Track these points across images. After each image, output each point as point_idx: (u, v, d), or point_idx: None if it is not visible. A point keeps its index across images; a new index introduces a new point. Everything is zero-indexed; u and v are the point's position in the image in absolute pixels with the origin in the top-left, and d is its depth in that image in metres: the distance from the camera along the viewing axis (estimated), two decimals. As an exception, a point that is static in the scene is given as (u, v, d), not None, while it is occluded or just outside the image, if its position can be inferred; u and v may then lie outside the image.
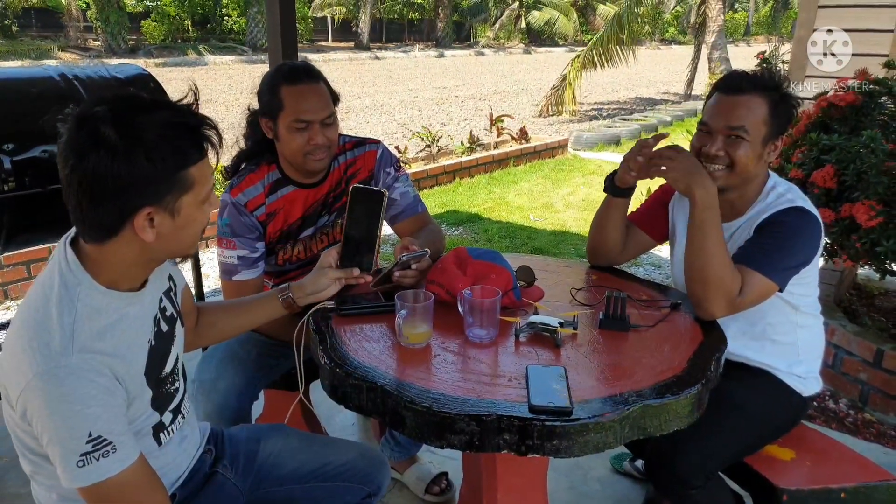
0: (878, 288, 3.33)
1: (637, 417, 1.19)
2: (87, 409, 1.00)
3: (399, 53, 27.02)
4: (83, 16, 22.56)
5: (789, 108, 1.58)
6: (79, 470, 1.00)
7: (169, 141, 1.02)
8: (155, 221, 1.05)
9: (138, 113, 1.02)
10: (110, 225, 1.03)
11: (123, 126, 0.99)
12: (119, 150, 0.98)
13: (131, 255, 1.08)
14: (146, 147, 1.00)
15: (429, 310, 1.39)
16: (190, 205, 1.08)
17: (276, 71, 1.75)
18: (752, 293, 1.47)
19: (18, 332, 1.04)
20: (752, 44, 35.11)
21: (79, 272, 1.07)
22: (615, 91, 15.96)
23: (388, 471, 1.54)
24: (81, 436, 0.99)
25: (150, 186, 1.02)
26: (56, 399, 0.98)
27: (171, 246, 1.11)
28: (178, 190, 1.05)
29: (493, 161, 7.25)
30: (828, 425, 2.58)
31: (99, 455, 1.01)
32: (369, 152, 1.93)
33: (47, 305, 1.04)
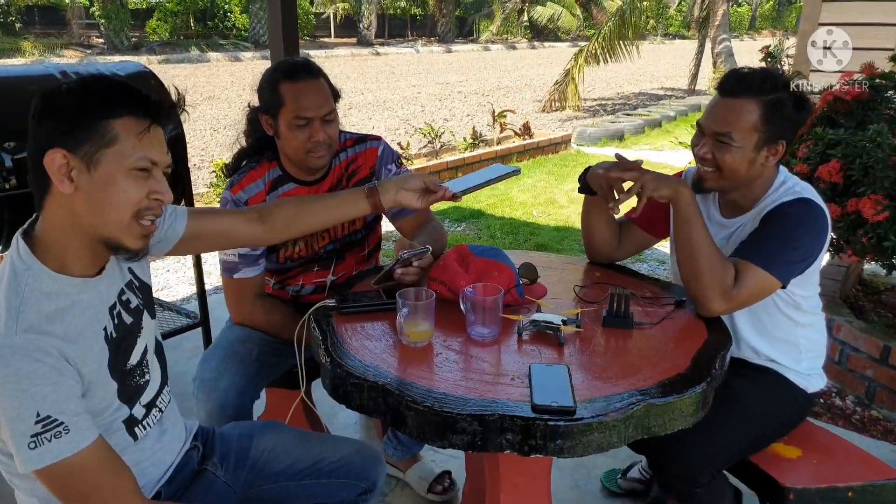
0: (884, 283, 3.31)
1: (641, 417, 1.17)
2: (34, 387, 0.99)
3: (402, 49, 26.96)
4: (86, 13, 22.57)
5: (792, 111, 1.51)
6: (30, 452, 0.99)
7: (101, 92, 1.05)
8: (73, 171, 1.03)
9: (96, 77, 1.08)
10: (35, 171, 1.04)
11: (75, 84, 1.05)
12: (56, 97, 1.03)
13: (64, 222, 1.06)
14: (80, 94, 1.04)
15: (430, 308, 1.38)
16: (110, 163, 1.04)
17: (276, 68, 1.74)
18: (748, 286, 1.45)
19: None
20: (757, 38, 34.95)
21: (28, 258, 1.07)
22: (619, 86, 15.90)
23: (383, 467, 1.53)
24: (30, 416, 0.98)
25: (68, 129, 1.03)
26: (1, 378, 0.98)
27: (96, 210, 1.06)
28: (97, 141, 1.03)
29: (496, 157, 7.22)
30: (834, 422, 2.56)
31: (50, 436, 0.99)
32: (371, 149, 1.92)
33: None
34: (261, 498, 1.42)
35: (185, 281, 3.96)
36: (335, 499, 1.45)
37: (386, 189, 1.46)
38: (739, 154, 1.51)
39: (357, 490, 1.47)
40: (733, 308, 1.48)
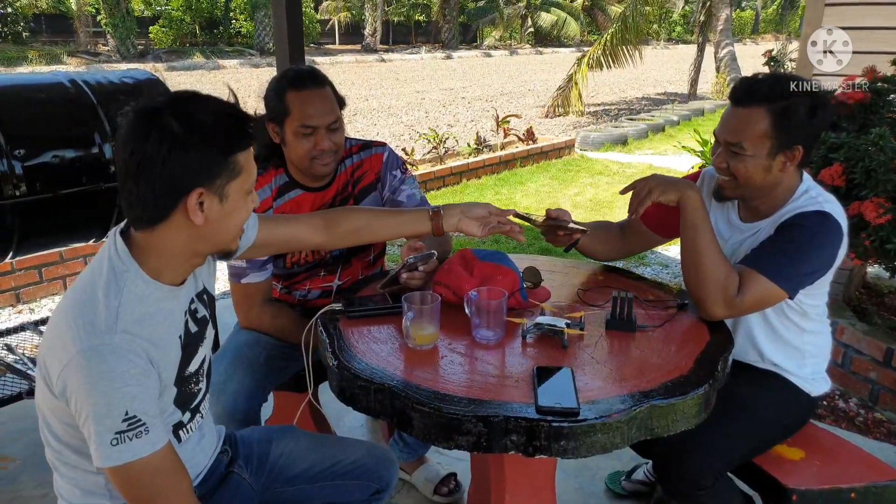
0: (888, 286, 3.31)
1: (644, 418, 1.19)
2: (125, 387, 1.03)
3: (406, 55, 27.06)
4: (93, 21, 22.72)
5: (804, 117, 1.48)
6: (112, 448, 1.03)
7: (222, 126, 1.09)
8: (205, 205, 1.09)
9: (192, 102, 1.09)
10: (164, 206, 1.08)
11: (180, 113, 1.06)
12: (178, 134, 1.04)
13: (179, 243, 1.12)
14: (202, 130, 1.06)
15: (436, 311, 1.40)
16: (237, 192, 1.13)
17: (282, 76, 1.77)
18: (752, 295, 1.45)
19: (64, 312, 1.07)
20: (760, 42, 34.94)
21: (127, 260, 1.11)
22: (622, 91, 15.91)
23: (396, 468, 1.56)
24: (118, 413, 1.02)
25: (204, 168, 1.07)
26: (97, 375, 1.02)
27: (217, 234, 1.14)
28: (227, 174, 1.10)
29: (500, 162, 7.24)
30: (838, 425, 2.56)
31: (132, 435, 1.03)
32: (376, 155, 1.94)
33: (94, 288, 1.08)
34: (278, 499, 1.46)
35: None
36: (349, 499, 1.49)
37: (450, 214, 1.52)
38: (752, 162, 1.51)
39: (370, 490, 1.50)
40: (734, 314, 1.48)
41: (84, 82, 2.42)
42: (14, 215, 2.14)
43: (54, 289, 3.79)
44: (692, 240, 1.50)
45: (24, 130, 2.20)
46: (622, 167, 7.58)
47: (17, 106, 2.27)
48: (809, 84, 1.53)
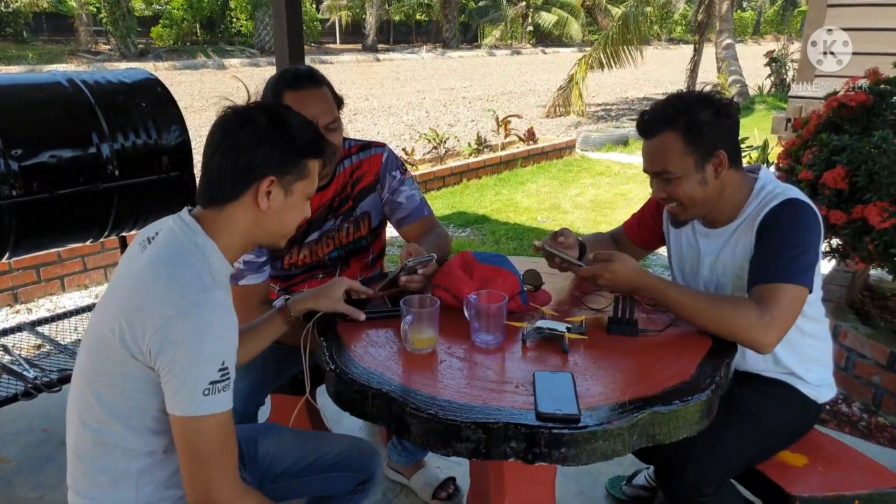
0: (890, 289, 3.29)
1: (646, 425, 1.17)
2: (227, 338, 1.12)
3: (406, 55, 27.04)
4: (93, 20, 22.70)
5: (712, 120, 1.49)
6: (203, 398, 1.08)
7: (306, 132, 1.24)
8: (272, 194, 1.21)
9: (283, 111, 1.26)
10: (239, 186, 1.20)
11: (273, 116, 1.22)
12: (268, 130, 1.20)
13: (243, 224, 1.22)
14: (289, 130, 1.22)
15: (434, 315, 1.38)
16: (301, 192, 1.25)
17: (280, 77, 1.75)
18: (779, 307, 1.40)
19: (155, 273, 1.14)
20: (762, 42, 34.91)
21: (202, 236, 1.20)
22: (623, 91, 15.90)
23: (380, 459, 1.60)
24: (217, 362, 1.09)
25: (281, 162, 1.21)
26: (208, 324, 1.09)
27: (274, 224, 1.25)
28: (297, 173, 1.23)
29: (501, 162, 7.23)
30: (841, 429, 2.55)
31: (222, 387, 1.10)
32: (375, 156, 1.93)
33: (182, 254, 1.16)
34: (268, 496, 1.44)
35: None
36: (336, 491, 1.54)
37: (298, 300, 1.51)
38: (686, 181, 1.52)
39: (355, 481, 1.54)
40: (780, 331, 1.41)
41: (82, 82, 2.41)
42: (11, 215, 2.12)
43: (52, 289, 3.77)
44: (682, 314, 1.48)
45: (22, 130, 2.18)
46: (623, 167, 7.56)
47: (15, 106, 2.25)
48: (698, 93, 1.56)
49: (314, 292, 1.51)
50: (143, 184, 2.42)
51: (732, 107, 1.55)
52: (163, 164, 2.48)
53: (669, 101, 1.55)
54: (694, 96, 1.54)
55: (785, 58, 13.87)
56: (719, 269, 1.65)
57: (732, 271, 1.61)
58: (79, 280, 3.87)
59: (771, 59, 13.87)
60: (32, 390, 2.15)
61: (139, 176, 2.42)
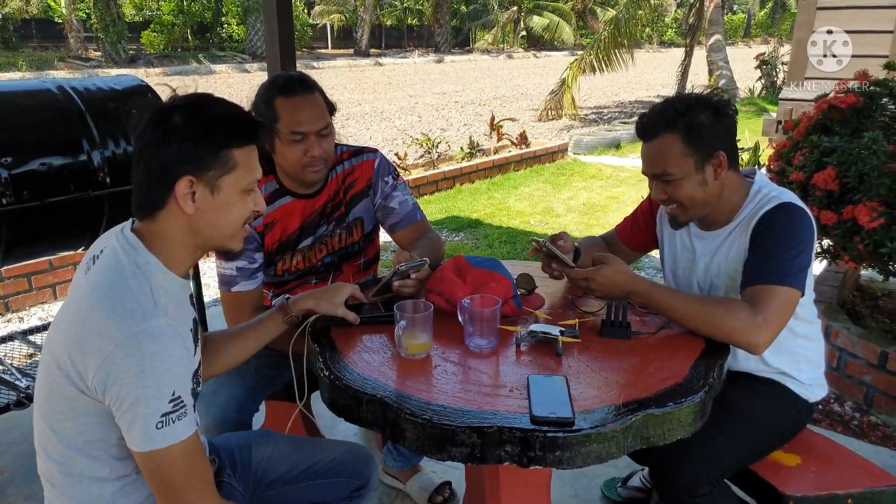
0: (881, 289, 3.31)
1: (640, 427, 1.18)
2: (174, 367, 1.06)
3: (399, 59, 27.07)
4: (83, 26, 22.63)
5: (711, 121, 1.50)
6: (157, 432, 1.04)
7: (217, 122, 1.14)
8: (196, 194, 1.13)
9: (202, 101, 1.16)
10: (159, 193, 1.12)
11: (187, 109, 1.13)
12: (175, 125, 1.10)
13: (178, 233, 1.15)
14: (200, 124, 1.12)
15: (428, 320, 1.38)
16: (230, 186, 1.15)
17: (271, 83, 1.75)
18: (772, 308, 1.41)
19: (94, 305, 1.08)
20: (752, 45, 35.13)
21: (144, 253, 1.14)
22: (614, 94, 15.96)
23: (375, 465, 1.58)
24: (166, 394, 1.04)
25: (193, 157, 1.11)
26: (151, 356, 1.03)
27: (211, 227, 1.17)
28: (220, 167, 1.13)
29: (494, 166, 7.24)
30: (833, 429, 2.56)
31: (176, 417, 1.05)
32: (367, 161, 1.93)
33: (122, 279, 1.10)
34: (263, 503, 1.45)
35: (183, 293, 3.96)
36: (331, 497, 1.51)
37: (300, 300, 1.48)
38: (686, 183, 1.53)
39: (351, 487, 1.53)
40: (772, 332, 1.42)
41: (72, 89, 2.40)
42: (1, 223, 2.11)
43: (44, 297, 3.75)
44: (674, 317, 1.48)
45: (11, 138, 2.17)
46: (615, 171, 7.58)
47: (4, 113, 2.24)
48: (696, 95, 1.57)
49: (316, 293, 1.49)
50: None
51: (730, 107, 1.57)
52: (154, 170, 2.47)
53: (668, 103, 1.56)
54: (692, 98, 1.55)
55: (775, 60, 13.97)
56: (714, 272, 1.66)
57: (727, 273, 1.62)
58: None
59: (761, 62, 13.96)
60: (25, 400, 2.14)
61: (130, 183, 2.40)
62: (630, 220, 1.91)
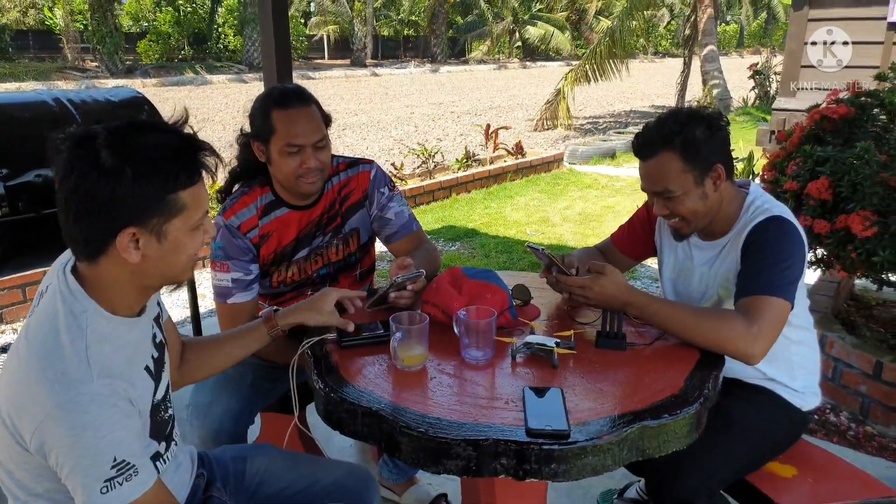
0: (875, 298, 3.32)
1: (635, 439, 1.18)
2: (111, 433, 0.99)
3: (395, 70, 27.18)
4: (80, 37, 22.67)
5: (706, 136, 1.52)
6: (102, 497, 0.99)
7: (158, 163, 1.01)
8: (140, 243, 1.03)
9: (133, 134, 1.02)
10: (95, 243, 1.02)
11: (116, 146, 0.99)
12: (108, 168, 0.98)
13: (123, 276, 1.07)
14: (134, 167, 0.99)
15: (424, 332, 1.38)
16: (179, 230, 1.06)
17: (268, 95, 1.76)
18: (764, 319, 1.42)
19: (28, 364, 1.01)
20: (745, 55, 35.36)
21: (83, 299, 1.06)
22: (609, 104, 16.04)
23: (377, 488, 1.54)
24: (106, 462, 0.98)
25: (134, 207, 1.00)
26: (80, 427, 0.97)
27: (162, 270, 1.09)
28: (165, 213, 1.03)
29: (490, 176, 7.26)
30: (829, 439, 2.56)
31: (122, 479, 1.00)
32: (363, 172, 1.93)
33: (56, 334, 1.02)
34: None
35: (178, 304, 3.95)
36: None
37: (287, 312, 1.47)
38: (688, 198, 1.55)
39: None
40: (767, 343, 1.42)
41: (68, 101, 2.40)
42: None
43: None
44: (669, 329, 1.48)
45: (7, 149, 2.18)
46: (611, 180, 7.61)
47: (0, 125, 2.24)
48: (689, 110, 1.59)
49: (304, 306, 1.48)
50: (130, 202, 2.41)
51: (722, 120, 1.59)
52: (150, 182, 2.48)
53: (662, 121, 1.57)
54: (685, 114, 1.57)
55: (768, 70, 14.07)
56: (711, 281, 1.67)
57: (723, 283, 1.64)
58: (65, 299, 3.83)
59: (754, 72, 14.06)
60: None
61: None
62: (626, 229, 1.92)
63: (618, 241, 1.92)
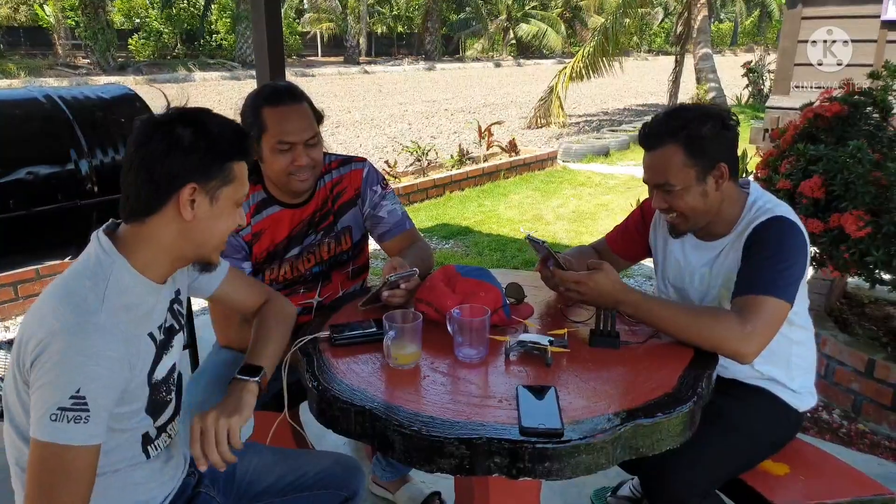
0: (868, 296, 3.34)
1: (629, 437, 1.17)
2: (94, 366, 1.04)
3: (388, 67, 27.13)
4: (72, 34, 22.53)
5: (713, 132, 1.51)
6: (49, 423, 1.02)
7: (225, 135, 1.19)
8: (196, 202, 1.16)
9: (200, 114, 1.20)
10: (159, 198, 1.15)
11: (189, 121, 1.17)
12: (182, 138, 1.14)
13: (168, 237, 1.17)
14: (206, 137, 1.16)
15: (417, 330, 1.37)
16: (227, 198, 1.20)
17: (259, 92, 1.75)
18: (761, 318, 1.41)
19: (49, 296, 1.11)
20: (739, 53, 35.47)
21: (113, 254, 1.16)
22: (603, 102, 16.05)
23: (363, 475, 1.57)
24: (71, 388, 1.02)
25: (202, 168, 1.16)
26: (75, 349, 1.04)
27: (202, 235, 1.20)
28: (222, 178, 1.18)
29: (483, 174, 7.26)
30: (821, 436, 2.57)
31: (73, 417, 1.02)
32: (355, 171, 1.92)
33: (81, 276, 1.13)
34: None
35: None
36: None
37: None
38: (687, 193, 1.54)
39: (339, 498, 1.51)
40: (761, 342, 1.42)
41: (59, 98, 2.39)
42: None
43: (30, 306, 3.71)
44: (663, 328, 1.48)
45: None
46: (604, 178, 7.62)
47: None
48: (699, 106, 1.58)
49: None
50: (122, 200, 2.40)
51: (732, 119, 1.58)
52: (142, 179, 2.46)
53: (671, 113, 1.56)
54: (695, 109, 1.56)
55: (762, 68, 14.11)
56: (710, 282, 1.66)
57: (723, 284, 1.63)
58: (57, 297, 3.81)
59: (748, 70, 14.10)
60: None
61: (118, 192, 2.39)
62: (621, 230, 1.91)
63: (612, 243, 1.91)
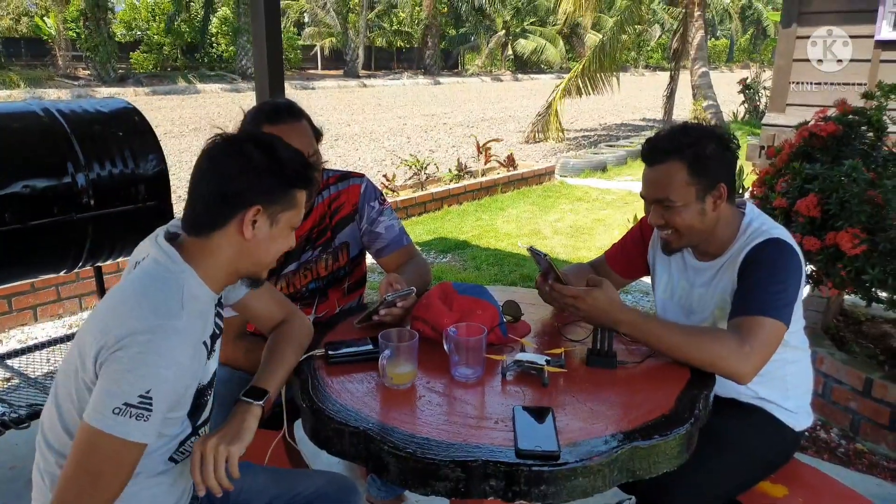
0: (864, 314, 3.33)
1: (626, 460, 1.17)
2: (166, 369, 1.07)
3: (388, 81, 27.26)
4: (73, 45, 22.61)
5: (716, 153, 1.53)
6: (111, 416, 1.04)
7: (294, 162, 1.25)
8: (257, 223, 1.21)
9: (273, 141, 1.26)
10: (225, 214, 1.19)
11: (262, 144, 1.23)
12: (256, 157, 1.20)
13: (227, 253, 1.22)
14: (278, 160, 1.22)
15: (413, 349, 1.37)
16: (286, 222, 1.25)
17: (258, 110, 1.75)
18: (758, 339, 1.41)
19: (124, 298, 1.14)
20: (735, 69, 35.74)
21: (180, 262, 1.20)
22: (601, 117, 16.13)
23: (358, 496, 1.54)
24: (141, 389, 1.05)
25: (268, 191, 1.21)
26: (153, 351, 1.06)
27: (257, 254, 1.24)
28: (284, 203, 1.24)
29: (481, 188, 7.27)
30: (820, 456, 2.55)
31: (136, 414, 1.05)
32: (353, 186, 1.93)
33: (154, 279, 1.16)
34: None
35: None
36: None
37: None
38: (685, 211, 1.54)
39: None
40: (758, 362, 1.41)
41: (58, 111, 2.38)
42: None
43: (24, 319, 3.69)
44: (661, 347, 1.47)
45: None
46: (602, 193, 7.64)
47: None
48: (702, 126, 1.59)
49: None
50: (119, 213, 2.39)
51: (734, 141, 1.59)
52: (140, 193, 2.46)
53: (676, 131, 1.57)
54: (700, 129, 1.57)
55: (758, 85, 14.21)
56: (706, 302, 1.66)
57: (717, 305, 1.63)
58: (52, 310, 3.79)
59: (744, 87, 14.20)
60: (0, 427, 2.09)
61: (115, 206, 2.39)
62: (619, 247, 1.91)
63: (611, 260, 1.91)
